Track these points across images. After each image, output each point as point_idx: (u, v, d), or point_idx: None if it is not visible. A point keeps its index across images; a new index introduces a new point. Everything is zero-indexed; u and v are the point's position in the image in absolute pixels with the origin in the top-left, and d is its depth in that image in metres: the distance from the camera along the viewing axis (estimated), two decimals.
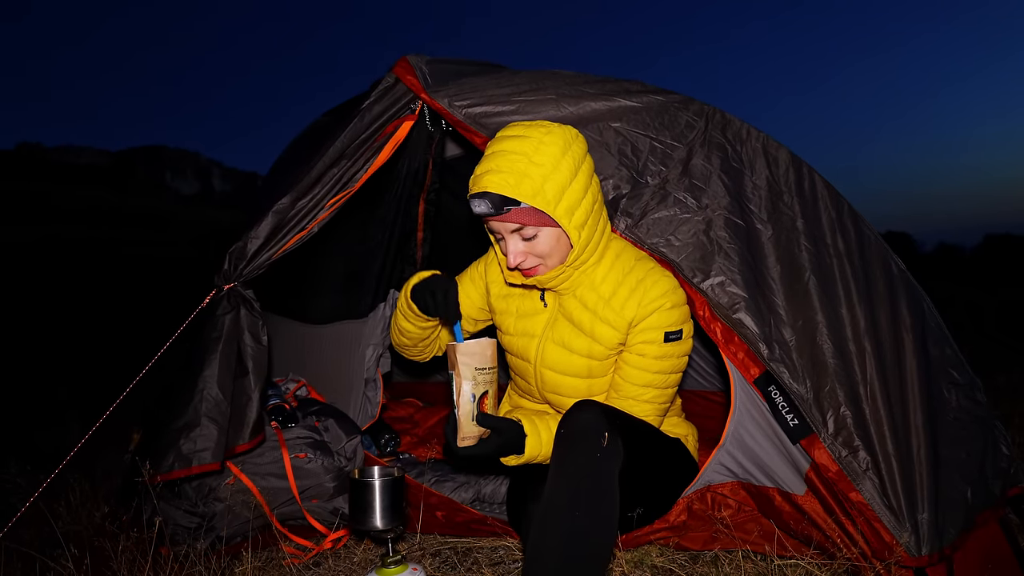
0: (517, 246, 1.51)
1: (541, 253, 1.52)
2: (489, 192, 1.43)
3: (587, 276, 1.60)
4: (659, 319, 1.53)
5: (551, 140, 1.45)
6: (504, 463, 1.54)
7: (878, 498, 1.50)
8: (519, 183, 1.42)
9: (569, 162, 1.45)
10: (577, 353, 1.62)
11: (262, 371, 1.83)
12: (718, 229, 1.69)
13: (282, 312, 2.73)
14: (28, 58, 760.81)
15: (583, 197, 1.48)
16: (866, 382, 1.61)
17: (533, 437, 1.52)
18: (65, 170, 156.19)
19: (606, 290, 1.58)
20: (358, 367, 2.33)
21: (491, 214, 1.46)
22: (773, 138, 1.82)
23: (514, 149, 1.45)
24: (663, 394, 1.60)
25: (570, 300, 1.63)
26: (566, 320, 1.64)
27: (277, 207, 1.83)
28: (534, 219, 1.46)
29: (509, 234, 1.51)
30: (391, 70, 1.91)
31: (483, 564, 1.78)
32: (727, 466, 1.69)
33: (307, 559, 1.83)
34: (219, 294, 1.81)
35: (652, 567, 1.69)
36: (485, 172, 1.46)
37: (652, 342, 1.54)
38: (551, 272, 1.54)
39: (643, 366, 1.56)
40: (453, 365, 1.48)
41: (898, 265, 1.81)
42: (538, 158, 1.43)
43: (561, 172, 1.44)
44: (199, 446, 1.68)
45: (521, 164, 1.42)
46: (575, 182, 1.46)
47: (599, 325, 1.58)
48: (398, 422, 2.97)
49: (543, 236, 1.49)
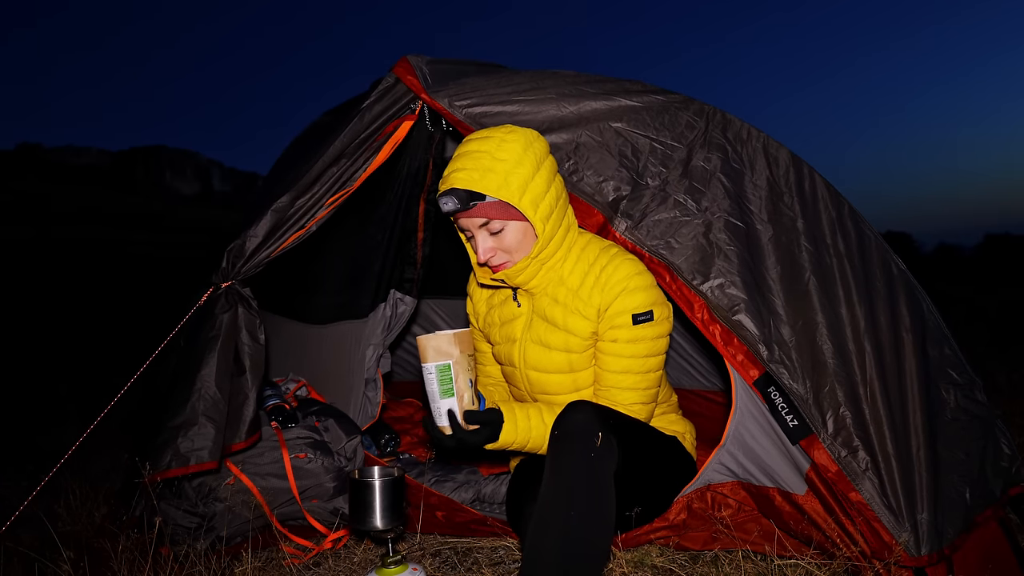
0: (486, 242, 1.57)
1: (508, 247, 1.57)
2: (456, 188, 1.50)
3: (555, 272, 1.63)
4: (624, 302, 1.55)
5: (512, 138, 1.53)
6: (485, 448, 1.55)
7: (878, 498, 1.50)
8: (483, 177, 1.48)
9: (531, 157, 1.52)
10: (555, 349, 1.64)
11: (259, 370, 1.83)
12: (718, 231, 1.69)
13: (282, 312, 2.73)
14: (28, 58, 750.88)
15: (547, 191, 1.54)
16: (866, 382, 1.61)
17: (509, 423, 1.54)
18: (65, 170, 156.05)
19: (574, 282, 1.62)
20: (358, 367, 2.33)
21: (459, 210, 1.52)
22: (773, 138, 1.82)
23: (477, 148, 1.52)
24: (644, 379, 1.60)
25: (542, 299, 1.66)
26: (541, 319, 1.66)
27: (276, 205, 1.83)
28: (500, 212, 1.52)
29: (477, 230, 1.57)
30: (391, 70, 1.91)
31: (483, 564, 1.78)
32: (727, 466, 1.69)
33: (307, 559, 1.83)
34: (217, 292, 1.81)
35: (652, 567, 1.69)
36: (451, 172, 1.53)
37: (621, 326, 1.56)
38: (517, 266, 1.57)
39: (616, 351, 1.58)
40: (446, 355, 1.46)
41: (898, 265, 1.81)
42: (500, 154, 1.50)
43: (524, 167, 1.50)
44: (197, 445, 1.68)
45: (485, 160, 1.50)
46: (538, 176, 1.52)
47: (571, 317, 1.61)
48: (398, 422, 2.96)
49: (510, 230, 1.55)
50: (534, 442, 1.56)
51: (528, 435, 1.55)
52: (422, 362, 1.49)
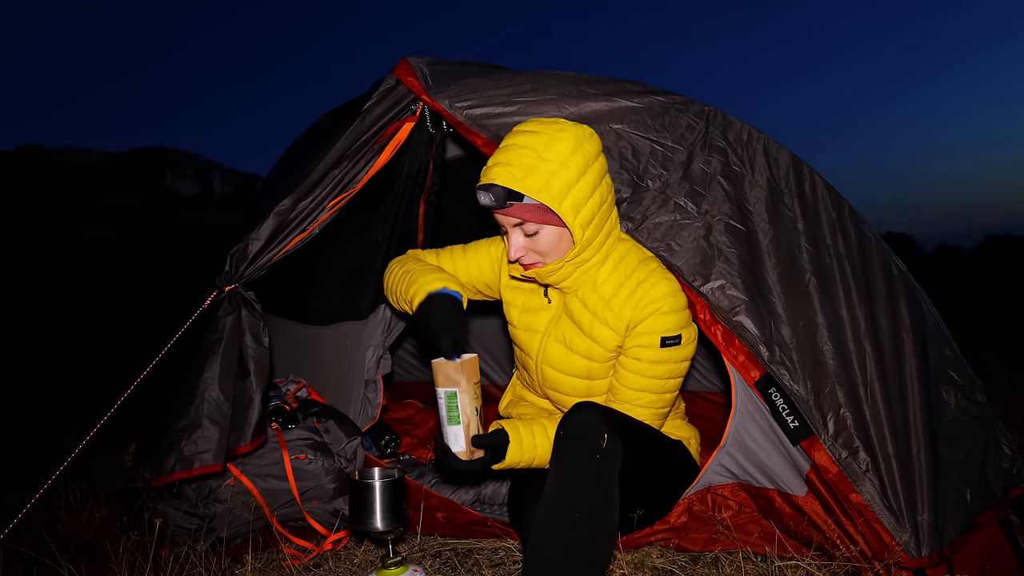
0: (518, 240, 1.52)
1: (541, 251, 1.53)
2: (494, 184, 1.44)
3: (590, 276, 1.60)
4: (655, 323, 1.52)
5: (562, 137, 1.46)
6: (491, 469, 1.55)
7: (878, 499, 1.50)
8: (525, 177, 1.43)
9: (579, 160, 1.45)
10: (577, 353, 1.62)
11: (263, 372, 1.83)
12: (718, 234, 1.69)
13: (283, 313, 2.73)
14: (29, 59, 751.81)
15: (590, 196, 1.48)
16: (866, 383, 1.61)
17: (515, 444, 1.52)
18: (65, 172, 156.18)
19: (607, 291, 1.58)
20: (358, 368, 2.33)
21: (494, 206, 1.47)
22: (773, 139, 1.82)
23: (524, 144, 1.46)
24: (660, 399, 1.59)
25: (573, 299, 1.63)
26: (569, 319, 1.64)
27: (278, 208, 1.83)
28: (537, 216, 1.47)
29: (511, 228, 1.52)
30: (392, 71, 1.91)
31: (483, 565, 1.78)
32: (727, 467, 1.69)
33: (307, 560, 1.83)
34: (220, 295, 1.81)
35: (653, 568, 1.69)
36: (495, 164, 1.47)
37: (648, 346, 1.53)
38: (549, 266, 1.54)
39: (638, 370, 1.56)
40: (454, 382, 1.47)
41: (898, 266, 1.81)
42: (547, 154, 1.44)
43: (569, 169, 1.44)
44: (200, 447, 1.68)
45: (530, 159, 1.43)
46: (583, 180, 1.46)
47: (598, 326, 1.58)
48: (398, 423, 2.97)
49: (544, 234, 1.50)
50: (540, 459, 1.56)
51: (534, 452, 1.54)
52: (434, 385, 1.50)
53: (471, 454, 1.50)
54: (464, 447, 1.49)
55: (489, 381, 3.54)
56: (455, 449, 1.50)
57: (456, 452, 1.50)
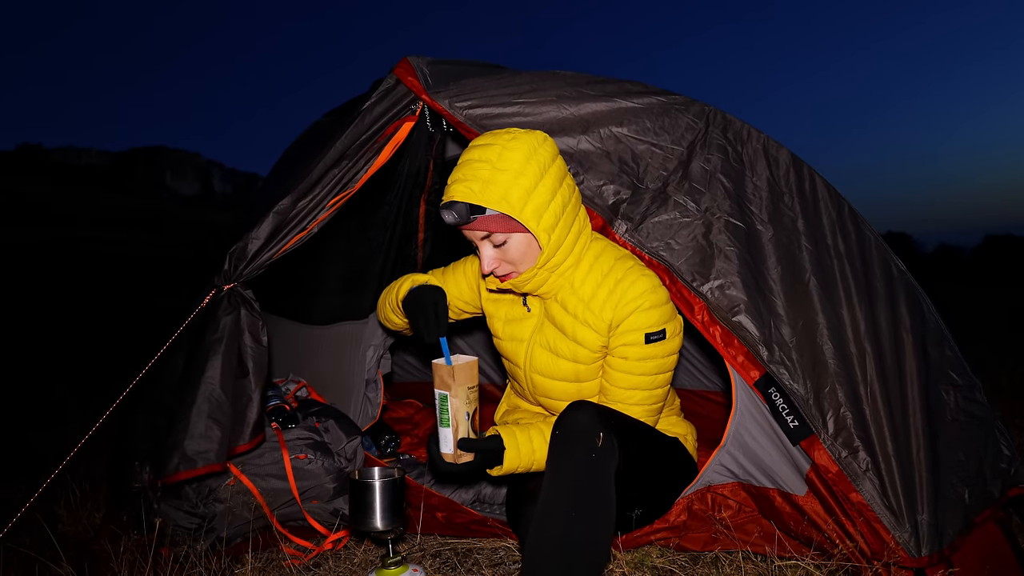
0: (489, 252, 1.53)
1: (512, 260, 1.53)
2: (456, 201, 1.46)
3: (566, 279, 1.59)
4: (638, 320, 1.51)
5: (515, 146, 1.46)
6: (489, 474, 1.56)
7: (878, 499, 1.50)
8: (483, 189, 1.43)
9: (534, 166, 1.46)
10: (563, 357, 1.63)
11: (263, 372, 1.83)
12: (718, 232, 1.69)
13: (283, 313, 2.73)
14: (29, 59, 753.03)
15: (551, 199, 1.48)
16: (866, 383, 1.61)
17: (512, 450, 1.53)
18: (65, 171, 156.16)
19: (586, 292, 1.58)
20: (358, 368, 2.33)
21: (459, 223, 1.48)
22: (773, 139, 1.82)
23: (479, 157, 1.47)
24: (652, 395, 1.59)
25: (553, 304, 1.63)
26: (551, 324, 1.64)
27: (278, 207, 1.83)
28: (501, 225, 1.48)
29: (480, 241, 1.53)
30: (392, 71, 1.91)
31: (483, 565, 1.78)
32: (728, 467, 1.69)
33: (307, 560, 1.83)
34: (219, 294, 1.81)
35: (652, 568, 1.69)
36: (453, 182, 1.48)
37: (633, 344, 1.53)
38: (524, 275, 1.54)
39: (626, 369, 1.55)
40: (446, 385, 1.49)
41: (898, 266, 1.81)
42: (502, 164, 1.44)
43: (526, 176, 1.44)
44: (203, 447, 1.68)
45: (485, 171, 1.44)
46: (541, 185, 1.46)
47: (580, 328, 1.58)
48: (398, 423, 2.96)
49: (513, 243, 1.50)
50: (539, 463, 1.55)
51: (532, 457, 1.55)
52: (433, 386, 1.52)
53: (457, 457, 1.51)
54: (451, 449, 1.51)
55: (489, 381, 3.54)
56: (442, 450, 1.52)
57: (443, 453, 1.52)
